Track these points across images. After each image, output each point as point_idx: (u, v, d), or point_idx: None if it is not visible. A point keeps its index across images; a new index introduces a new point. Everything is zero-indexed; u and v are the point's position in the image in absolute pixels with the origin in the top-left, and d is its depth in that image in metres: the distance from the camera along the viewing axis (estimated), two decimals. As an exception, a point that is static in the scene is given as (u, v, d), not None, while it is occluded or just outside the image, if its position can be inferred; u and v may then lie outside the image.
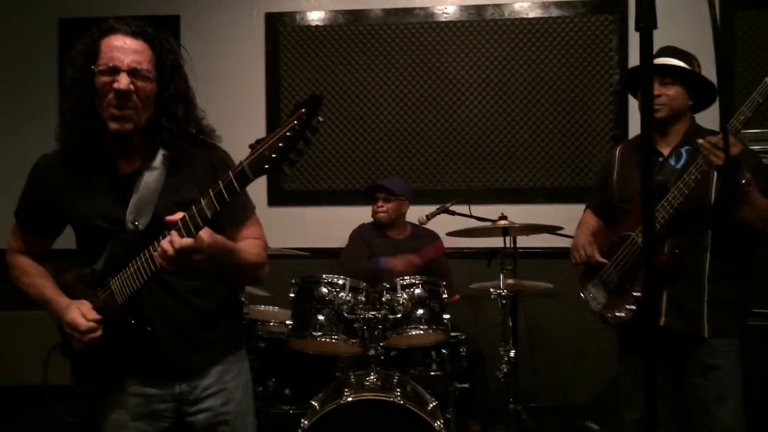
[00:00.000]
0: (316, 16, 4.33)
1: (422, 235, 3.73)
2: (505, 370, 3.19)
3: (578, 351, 4.12)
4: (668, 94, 2.42)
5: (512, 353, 3.20)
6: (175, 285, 1.78)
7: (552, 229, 3.36)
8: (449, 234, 3.42)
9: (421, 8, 4.27)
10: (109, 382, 1.81)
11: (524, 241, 3.73)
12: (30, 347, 3.87)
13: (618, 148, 2.71)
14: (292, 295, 2.93)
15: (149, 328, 1.74)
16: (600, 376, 4.06)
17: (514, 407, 3.34)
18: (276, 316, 3.42)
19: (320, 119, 1.41)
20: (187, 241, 1.53)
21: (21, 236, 1.93)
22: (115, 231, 1.74)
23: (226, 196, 1.48)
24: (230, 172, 1.46)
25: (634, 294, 2.40)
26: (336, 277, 2.92)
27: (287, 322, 2.95)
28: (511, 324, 3.38)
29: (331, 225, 4.19)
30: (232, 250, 1.73)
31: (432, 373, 3.11)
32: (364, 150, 4.31)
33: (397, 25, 4.27)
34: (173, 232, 1.54)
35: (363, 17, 4.30)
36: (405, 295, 2.91)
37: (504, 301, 3.23)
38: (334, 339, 2.85)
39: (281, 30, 4.34)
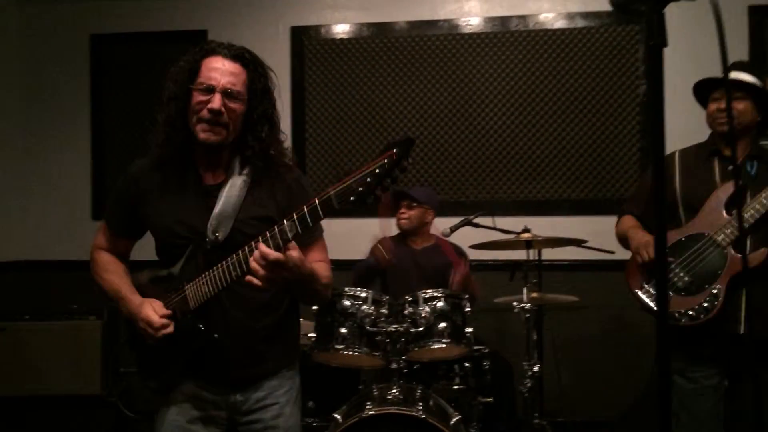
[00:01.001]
0: (341, 29, 4.37)
1: (445, 246, 3.69)
2: (529, 384, 3.16)
3: (605, 365, 4.06)
4: (738, 108, 2.50)
5: (536, 368, 3.17)
6: (245, 297, 1.84)
7: (576, 242, 3.32)
8: (472, 246, 3.40)
9: (445, 20, 4.28)
10: (170, 381, 1.90)
11: (549, 254, 3.69)
12: (60, 357, 3.96)
13: (676, 153, 2.70)
14: (315, 307, 2.94)
15: (216, 336, 1.81)
16: (627, 391, 3.98)
17: (540, 422, 3.31)
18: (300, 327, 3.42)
19: (410, 161, 1.49)
20: (280, 255, 1.58)
21: (106, 235, 2.04)
22: (196, 239, 1.84)
23: (309, 221, 1.57)
24: (316, 199, 1.54)
25: (713, 291, 2.43)
26: (359, 290, 2.92)
27: (310, 334, 2.96)
28: (536, 338, 3.34)
29: (355, 237, 4.17)
30: (313, 271, 1.77)
31: (455, 387, 3.09)
32: (389, 162, 4.31)
33: (422, 37, 4.28)
34: (262, 245, 1.59)
35: (388, 30, 4.32)
36: (427, 309, 2.90)
37: (528, 315, 3.19)
38: (356, 352, 2.85)
39: (306, 43, 4.38)
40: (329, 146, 4.35)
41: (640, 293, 2.62)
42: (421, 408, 2.61)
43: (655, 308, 2.43)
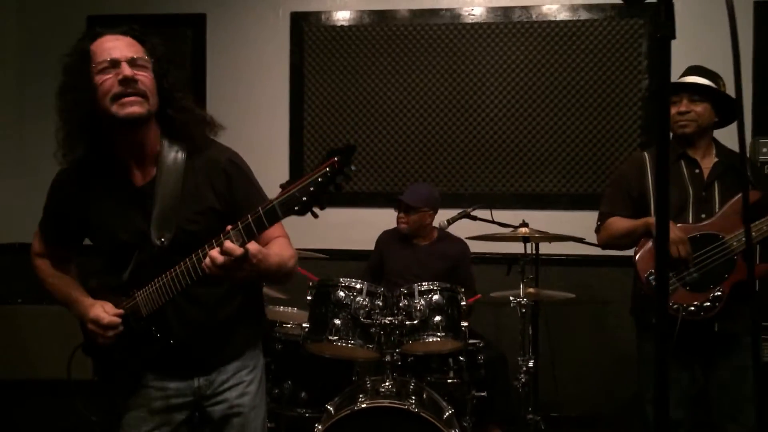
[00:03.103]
0: (341, 16, 4.31)
1: (447, 240, 3.68)
2: (523, 380, 3.13)
3: (600, 361, 4.05)
4: (696, 110, 2.62)
5: (531, 363, 3.14)
6: (200, 295, 1.80)
7: (575, 239, 3.30)
8: (469, 239, 3.38)
9: (447, 9, 4.22)
10: (130, 380, 1.86)
11: (547, 248, 3.67)
12: (53, 342, 3.92)
13: (645, 154, 2.80)
14: (309, 298, 2.92)
15: (172, 341, 1.78)
16: (622, 387, 3.98)
17: (533, 417, 3.29)
18: (294, 317, 3.40)
19: (353, 168, 1.47)
20: (242, 250, 1.55)
21: (44, 245, 1.97)
22: (141, 245, 1.77)
23: (254, 230, 1.54)
24: (260, 209, 1.52)
25: (716, 294, 2.50)
26: (354, 281, 2.90)
27: (304, 324, 2.94)
28: (531, 333, 3.33)
29: (352, 227, 4.17)
30: (271, 257, 1.72)
31: (449, 381, 3.07)
32: (387, 152, 4.28)
33: (423, 26, 4.23)
34: (227, 242, 1.56)
35: (389, 18, 4.27)
36: (423, 301, 2.87)
37: (524, 310, 3.17)
38: (350, 344, 2.83)
39: (306, 30, 4.33)
40: (327, 134, 4.31)
41: (647, 275, 2.62)
42: (413, 401, 2.59)
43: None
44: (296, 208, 1.47)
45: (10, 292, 4.09)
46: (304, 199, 1.46)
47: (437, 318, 2.86)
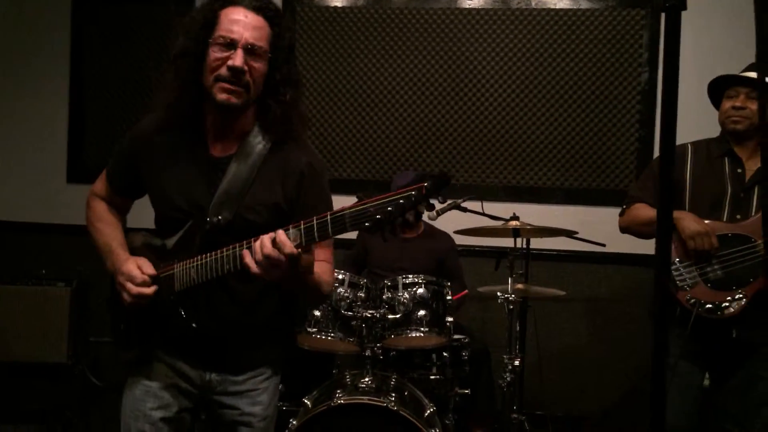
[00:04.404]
0: (335, -3, 4.18)
1: (434, 235, 3.58)
2: (508, 378, 3.04)
3: (589, 360, 3.97)
4: (753, 108, 2.52)
5: (516, 362, 3.04)
6: (237, 290, 1.73)
7: (567, 233, 3.18)
8: (457, 232, 3.27)
9: (444, -7, 4.10)
10: (142, 348, 1.79)
11: (537, 243, 3.57)
12: (26, 323, 3.84)
13: (689, 145, 2.72)
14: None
15: (194, 325, 1.69)
16: (610, 387, 3.90)
17: (518, 416, 3.20)
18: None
19: (441, 200, 1.38)
20: (294, 249, 1.47)
21: (106, 187, 1.92)
22: (196, 217, 1.70)
23: (315, 235, 1.45)
24: (328, 214, 1.43)
25: (738, 296, 2.44)
26: (336, 271, 2.79)
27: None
28: (518, 329, 3.23)
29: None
30: (313, 273, 1.67)
31: (432, 377, 2.99)
32: (377, 138, 4.16)
33: (419, 10, 4.10)
34: (281, 232, 1.48)
35: (384, 0, 4.13)
36: (407, 295, 2.79)
37: (511, 306, 3.06)
38: (330, 336, 2.74)
39: (299, 10, 4.20)
40: (317, 117, 4.19)
41: (673, 271, 2.56)
42: (393, 398, 2.50)
43: (679, 286, 2.50)
44: (367, 224, 1.37)
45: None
46: (378, 217, 1.36)
47: (421, 312, 2.78)
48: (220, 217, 1.67)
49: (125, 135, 1.85)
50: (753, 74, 2.56)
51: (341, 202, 1.49)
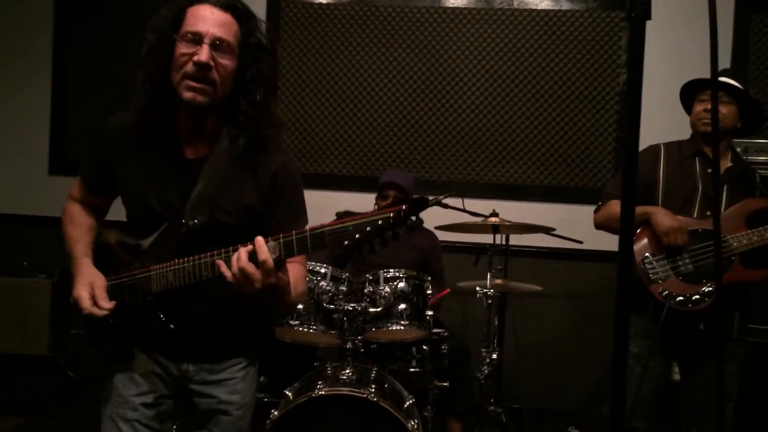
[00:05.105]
0: (319, -6, 4.21)
1: (417, 231, 3.61)
2: (486, 372, 3.10)
3: (565, 354, 4.04)
4: (722, 111, 2.61)
5: (494, 355, 3.11)
6: (213, 290, 1.72)
7: (545, 230, 3.25)
8: (439, 228, 3.32)
9: (428, -8, 4.14)
10: (118, 348, 1.79)
11: (516, 239, 3.64)
12: (6, 315, 3.83)
13: (662, 145, 2.80)
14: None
15: (171, 326, 1.70)
16: (586, 381, 3.98)
17: (495, 409, 3.26)
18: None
19: (418, 220, 1.43)
20: (268, 255, 1.49)
21: (81, 189, 1.90)
22: (171, 219, 1.70)
23: (294, 249, 1.48)
24: (308, 230, 1.46)
25: (706, 289, 2.52)
26: (318, 265, 2.83)
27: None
28: (497, 324, 3.29)
29: (323, 210, 4.03)
30: (287, 288, 1.66)
31: (411, 370, 3.03)
32: (360, 135, 4.20)
33: (403, 8, 4.15)
34: (259, 238, 1.50)
35: (368, -2, 4.17)
36: (388, 289, 2.83)
37: (490, 301, 3.12)
38: (311, 329, 2.77)
39: (283, 6, 4.22)
40: (301, 113, 4.22)
41: (641, 259, 2.63)
42: (373, 390, 2.54)
43: (652, 279, 2.59)
44: (346, 242, 1.41)
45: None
46: (357, 236, 1.40)
47: (402, 306, 2.82)
48: (196, 221, 1.68)
49: (99, 131, 1.83)
50: (724, 79, 2.65)
51: (324, 196, 1.54)
